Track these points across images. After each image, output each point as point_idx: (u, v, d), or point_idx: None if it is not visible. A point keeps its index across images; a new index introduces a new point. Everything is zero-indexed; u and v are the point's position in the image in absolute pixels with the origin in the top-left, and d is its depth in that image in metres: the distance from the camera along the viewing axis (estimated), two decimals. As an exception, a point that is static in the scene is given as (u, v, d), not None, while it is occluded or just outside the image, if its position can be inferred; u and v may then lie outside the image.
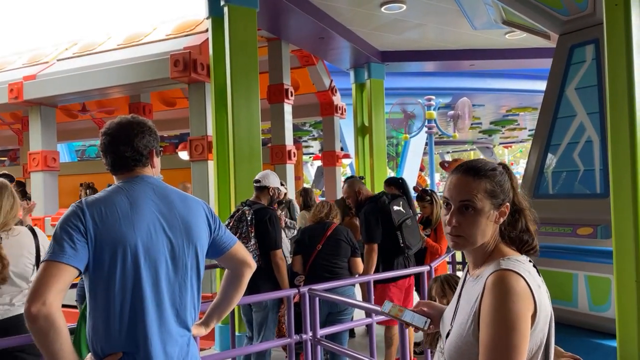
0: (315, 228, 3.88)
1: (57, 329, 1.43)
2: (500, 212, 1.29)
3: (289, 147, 6.63)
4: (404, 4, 6.18)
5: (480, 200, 1.27)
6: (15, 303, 2.66)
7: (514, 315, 1.15)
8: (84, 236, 1.54)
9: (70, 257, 1.49)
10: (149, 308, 1.59)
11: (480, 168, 1.30)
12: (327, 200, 4.12)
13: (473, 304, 1.25)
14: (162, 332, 1.61)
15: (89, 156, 18.35)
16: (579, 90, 4.04)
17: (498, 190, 1.29)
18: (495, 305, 1.17)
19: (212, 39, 5.28)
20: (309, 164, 29.49)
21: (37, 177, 6.64)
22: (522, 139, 27.07)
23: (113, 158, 1.74)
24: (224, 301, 1.93)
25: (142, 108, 8.11)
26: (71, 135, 10.67)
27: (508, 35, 7.29)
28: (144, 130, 1.76)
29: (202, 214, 1.80)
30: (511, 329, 1.14)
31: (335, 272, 3.77)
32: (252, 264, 1.93)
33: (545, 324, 1.22)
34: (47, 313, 1.41)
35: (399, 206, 4.18)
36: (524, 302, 1.17)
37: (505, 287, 1.18)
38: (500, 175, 1.31)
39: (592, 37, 3.95)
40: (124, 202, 1.63)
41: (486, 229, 1.28)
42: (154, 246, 1.62)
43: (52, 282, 1.44)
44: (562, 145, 4.07)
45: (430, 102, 12.81)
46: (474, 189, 1.27)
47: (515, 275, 1.19)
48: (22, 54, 7.83)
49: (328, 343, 3.45)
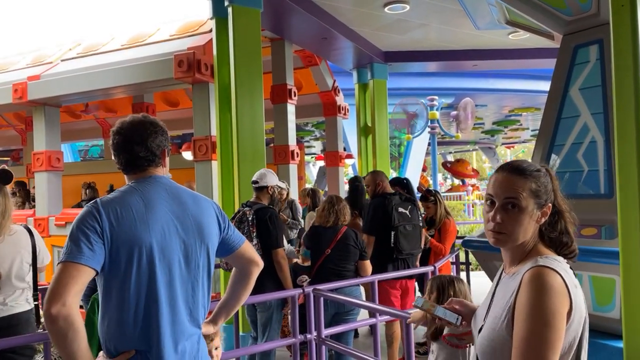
0: (323, 232, 3.87)
1: (76, 330, 1.44)
2: (542, 212, 1.32)
3: (292, 147, 6.62)
4: (407, 4, 6.18)
5: (525, 199, 1.30)
6: (9, 303, 2.64)
7: (549, 311, 1.16)
8: (100, 237, 1.55)
9: (88, 258, 1.51)
10: (163, 307, 1.60)
11: (526, 168, 1.34)
12: (335, 196, 4.09)
13: (508, 299, 1.26)
14: (175, 331, 1.63)
15: (92, 156, 18.38)
16: (583, 90, 4.03)
17: (542, 190, 1.32)
18: (531, 300, 1.18)
19: (216, 39, 5.28)
20: (311, 164, 29.49)
21: (41, 177, 6.65)
22: (524, 139, 27.02)
23: (126, 158, 1.74)
24: (232, 299, 1.94)
25: (146, 108, 8.13)
26: (74, 135, 10.69)
27: (511, 36, 7.28)
28: (157, 130, 1.77)
29: (213, 213, 1.82)
30: (546, 324, 1.15)
31: (343, 275, 3.79)
32: (259, 262, 1.95)
33: (579, 324, 1.23)
34: (66, 314, 1.42)
35: (405, 210, 4.24)
36: (560, 299, 1.18)
37: (541, 282, 1.19)
38: (544, 177, 1.35)
39: (596, 37, 3.94)
40: (138, 203, 1.64)
41: (528, 227, 1.30)
42: (168, 246, 1.63)
43: (71, 283, 1.45)
44: (566, 145, 4.06)
45: (433, 102, 12.80)
46: (519, 187, 1.30)
47: (553, 272, 1.21)
48: (26, 55, 7.84)
49: (333, 343, 3.45)
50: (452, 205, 16.49)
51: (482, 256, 4.38)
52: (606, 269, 3.35)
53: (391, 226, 4.15)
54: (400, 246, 4.15)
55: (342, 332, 3.66)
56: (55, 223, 6.46)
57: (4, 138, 11.51)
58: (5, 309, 2.63)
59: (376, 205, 4.25)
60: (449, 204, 14.91)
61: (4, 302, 2.63)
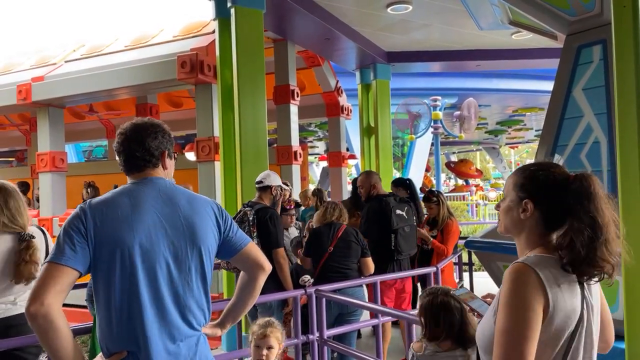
0: (324, 230, 3.88)
1: (56, 328, 1.48)
2: (522, 207, 1.36)
3: (295, 148, 6.64)
4: (410, 5, 6.17)
5: (509, 192, 1.41)
6: (18, 302, 2.66)
7: (519, 303, 1.22)
8: (85, 237, 1.58)
9: (69, 259, 1.54)
10: (147, 308, 1.61)
11: (525, 167, 1.43)
12: (334, 201, 4.14)
13: (497, 296, 1.34)
14: (164, 332, 1.63)
15: (96, 157, 18.43)
16: (586, 91, 4.02)
17: (527, 184, 1.38)
18: (503, 293, 1.26)
19: (219, 40, 5.30)
20: (314, 164, 29.49)
21: (45, 178, 6.69)
22: (528, 139, 26.93)
23: (125, 157, 1.76)
24: (238, 304, 1.94)
25: (149, 109, 8.15)
26: (78, 136, 10.73)
27: (514, 36, 7.26)
28: (157, 131, 1.78)
29: (211, 214, 1.80)
30: (517, 317, 1.21)
31: (346, 273, 3.79)
32: (265, 266, 1.91)
33: (565, 323, 1.26)
34: (45, 313, 1.46)
35: (402, 211, 4.26)
36: (532, 293, 1.23)
37: (514, 277, 1.25)
38: (543, 174, 1.36)
39: (600, 37, 3.93)
40: (125, 204, 1.66)
41: (514, 218, 1.38)
42: (153, 248, 1.64)
43: (51, 283, 1.50)
44: (569, 146, 4.05)
45: (436, 102, 12.78)
46: (508, 182, 1.44)
47: (528, 268, 1.26)
48: (30, 56, 7.89)
49: (334, 344, 3.45)
50: (455, 206, 16.44)
51: (485, 257, 4.38)
52: (609, 270, 3.34)
53: (391, 229, 4.16)
54: (400, 248, 4.18)
55: (344, 332, 3.66)
56: (59, 224, 6.50)
57: (9, 139, 11.57)
58: (15, 308, 2.66)
59: (374, 210, 4.25)
60: (452, 204, 14.90)
61: (14, 302, 2.66)
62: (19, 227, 2.62)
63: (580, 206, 1.27)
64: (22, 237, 2.60)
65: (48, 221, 6.58)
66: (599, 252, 1.25)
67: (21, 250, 2.57)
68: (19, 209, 2.65)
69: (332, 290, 3.51)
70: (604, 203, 1.29)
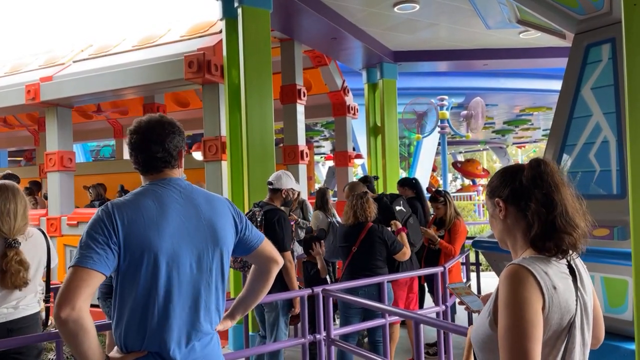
0: (350, 230, 3.93)
1: (85, 331, 1.48)
2: (496, 207, 1.42)
3: (301, 148, 6.63)
4: (417, 4, 6.15)
5: (487, 207, 1.49)
6: (20, 305, 2.66)
7: (521, 303, 1.23)
8: (112, 241, 1.57)
9: (97, 263, 1.52)
10: (171, 311, 1.62)
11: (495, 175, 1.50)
12: (355, 194, 4.06)
13: (492, 297, 1.35)
14: (183, 333, 1.64)
15: (103, 156, 18.54)
16: (595, 90, 3.99)
17: (492, 186, 1.45)
18: (503, 295, 1.26)
19: (226, 40, 5.31)
20: (320, 164, 29.49)
21: (53, 177, 6.72)
22: (535, 139, 26.77)
23: (144, 158, 1.73)
24: (250, 295, 1.95)
25: (156, 109, 8.19)
26: (86, 135, 10.79)
27: (522, 35, 7.22)
28: (175, 131, 1.76)
29: (228, 214, 1.80)
30: (520, 317, 1.22)
31: (373, 271, 3.84)
32: (279, 260, 1.93)
33: (559, 325, 1.28)
34: (76, 317, 1.46)
35: (400, 206, 4.36)
36: (532, 292, 1.24)
37: (511, 279, 1.27)
38: (501, 173, 1.47)
39: (609, 36, 3.90)
40: (151, 207, 1.64)
41: (500, 226, 1.43)
42: (179, 250, 1.64)
43: (81, 287, 1.48)
44: (578, 145, 4.02)
45: (443, 102, 12.74)
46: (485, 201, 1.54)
47: (524, 269, 1.27)
48: (38, 56, 7.93)
49: (342, 343, 3.45)
50: (462, 206, 16.39)
51: (492, 257, 4.36)
52: (618, 270, 3.32)
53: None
54: (413, 240, 4.25)
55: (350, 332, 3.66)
56: (67, 223, 6.54)
57: (17, 138, 11.65)
58: (17, 312, 2.65)
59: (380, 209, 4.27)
60: (459, 204, 14.86)
61: (16, 306, 2.65)
62: (4, 233, 2.57)
63: (535, 188, 1.35)
64: (8, 243, 2.56)
65: (56, 220, 6.62)
66: (557, 225, 1.31)
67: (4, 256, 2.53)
68: (9, 213, 2.59)
69: (342, 290, 3.53)
70: (558, 181, 1.36)
